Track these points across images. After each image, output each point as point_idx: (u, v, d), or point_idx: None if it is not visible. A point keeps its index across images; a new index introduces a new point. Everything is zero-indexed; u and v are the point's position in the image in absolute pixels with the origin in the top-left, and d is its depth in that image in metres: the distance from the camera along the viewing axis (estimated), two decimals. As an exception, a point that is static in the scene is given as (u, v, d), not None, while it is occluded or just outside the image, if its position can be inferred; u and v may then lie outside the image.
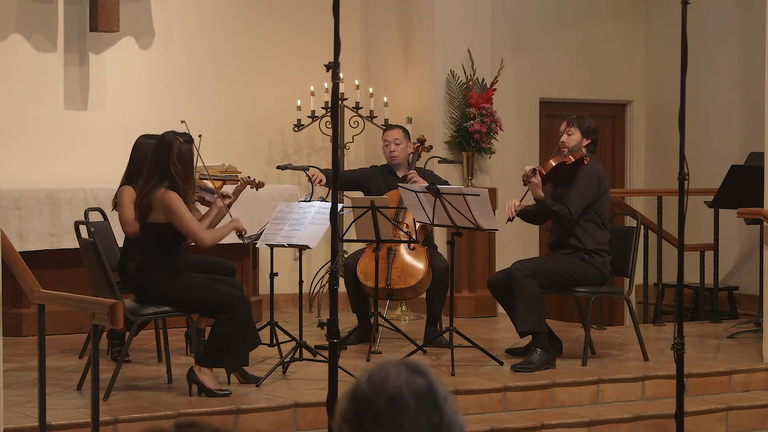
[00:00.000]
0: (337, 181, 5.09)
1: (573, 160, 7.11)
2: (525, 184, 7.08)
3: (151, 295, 6.18)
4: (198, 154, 6.81)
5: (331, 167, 5.21)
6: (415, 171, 7.89)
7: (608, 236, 7.23)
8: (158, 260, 6.15)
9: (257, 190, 7.10)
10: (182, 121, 6.66)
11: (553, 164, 7.12)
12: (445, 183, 7.97)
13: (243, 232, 6.46)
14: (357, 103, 9.63)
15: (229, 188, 7.03)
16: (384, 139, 8.13)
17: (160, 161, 6.10)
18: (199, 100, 9.57)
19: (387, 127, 8.38)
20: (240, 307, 6.12)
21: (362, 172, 8.29)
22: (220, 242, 6.45)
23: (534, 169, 7.02)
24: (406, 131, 8.15)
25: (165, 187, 6.04)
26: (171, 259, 6.17)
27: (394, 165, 8.07)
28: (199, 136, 7.03)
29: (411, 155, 8.11)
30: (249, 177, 7.01)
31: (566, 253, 7.17)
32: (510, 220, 7.20)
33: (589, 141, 7.24)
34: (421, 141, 8.16)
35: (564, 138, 7.24)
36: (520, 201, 7.23)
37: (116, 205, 7.02)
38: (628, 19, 11.08)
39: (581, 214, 7.12)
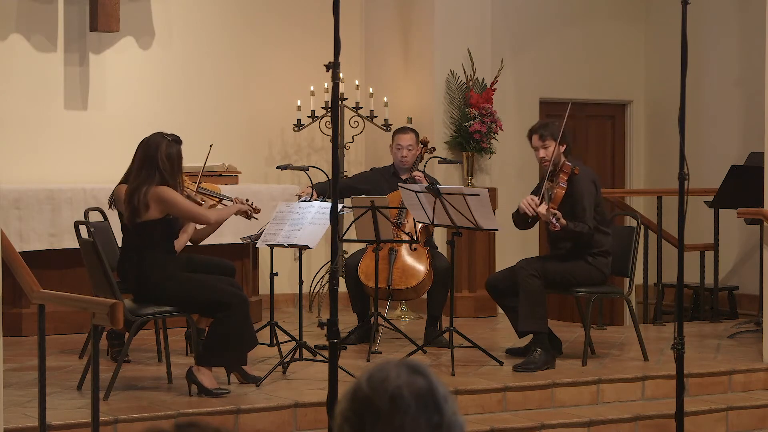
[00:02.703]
0: (338, 181, 5.09)
1: (566, 178, 7.05)
2: (552, 229, 6.93)
3: (150, 295, 6.19)
4: (205, 162, 6.84)
5: (331, 168, 5.21)
6: (420, 172, 7.88)
7: (610, 238, 7.21)
8: (154, 259, 6.16)
9: (249, 218, 6.88)
10: (210, 145, 6.92)
11: (562, 194, 7.03)
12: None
13: (250, 211, 6.50)
14: (357, 103, 9.63)
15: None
16: (397, 143, 8.05)
17: (147, 158, 6.14)
18: (199, 100, 9.57)
19: (400, 129, 8.22)
20: (238, 306, 6.12)
21: (364, 178, 8.25)
22: (223, 225, 6.47)
23: (554, 215, 6.79)
24: (417, 135, 8.12)
25: (156, 183, 6.08)
26: (167, 258, 6.18)
27: (402, 169, 8.05)
28: (210, 146, 7.04)
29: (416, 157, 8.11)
30: (247, 200, 6.87)
31: (570, 256, 7.16)
32: (531, 219, 7.08)
33: (565, 145, 7.17)
34: (425, 143, 8.16)
35: (542, 153, 7.16)
36: (541, 203, 7.07)
37: (112, 203, 7.00)
38: (628, 19, 11.08)
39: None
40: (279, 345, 7.07)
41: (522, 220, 7.20)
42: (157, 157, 6.12)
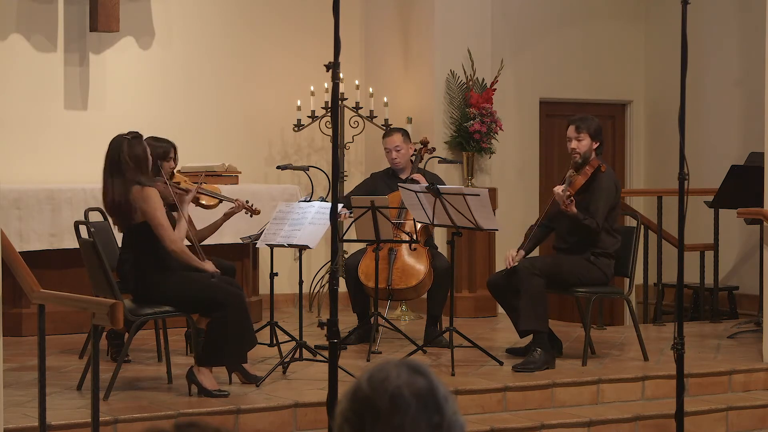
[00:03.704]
0: (338, 181, 5.09)
1: (591, 171, 7.07)
2: (562, 208, 6.95)
3: (148, 295, 6.19)
4: (201, 182, 6.84)
5: (331, 168, 5.21)
6: (419, 174, 7.87)
7: (617, 244, 7.21)
8: (151, 259, 6.15)
9: (251, 216, 7.08)
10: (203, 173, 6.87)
11: (582, 181, 7.05)
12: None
13: (214, 275, 6.39)
14: (357, 103, 9.63)
15: (223, 207, 7.01)
16: (385, 146, 8.09)
17: (113, 163, 6.12)
18: (199, 100, 9.57)
19: (386, 132, 8.30)
20: (236, 305, 6.12)
21: (364, 185, 8.25)
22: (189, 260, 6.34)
23: (569, 195, 6.90)
24: (405, 133, 8.13)
25: (139, 184, 6.05)
26: (164, 257, 6.17)
27: (397, 170, 8.06)
28: (201, 175, 7.04)
29: (414, 157, 8.10)
30: (247, 202, 6.98)
31: (573, 253, 7.16)
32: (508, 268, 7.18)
33: (598, 143, 7.21)
34: (424, 143, 8.16)
35: (574, 144, 7.17)
36: (520, 249, 7.20)
37: None
38: (628, 19, 11.08)
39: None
40: (279, 345, 7.07)
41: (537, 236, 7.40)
42: (120, 160, 6.10)
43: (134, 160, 6.09)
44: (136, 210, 6.08)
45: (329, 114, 9.28)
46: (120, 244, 7.01)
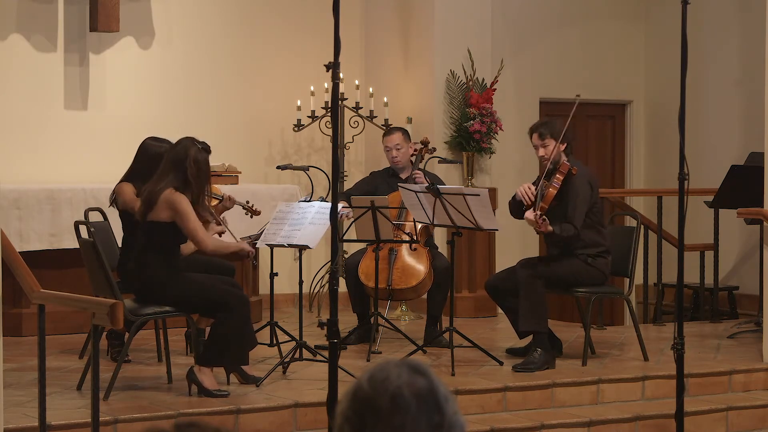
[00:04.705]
0: (338, 181, 5.10)
1: (562, 179, 7.00)
2: (538, 230, 6.93)
3: (151, 294, 6.19)
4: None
5: (331, 168, 5.21)
6: (420, 172, 7.87)
7: (607, 237, 7.20)
8: (157, 258, 6.16)
9: (252, 217, 7.14)
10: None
11: (553, 193, 6.99)
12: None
13: (250, 254, 6.49)
14: (357, 103, 9.63)
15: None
16: (385, 145, 8.09)
17: (176, 162, 6.11)
18: (199, 100, 9.57)
19: (386, 131, 8.29)
20: (238, 306, 6.12)
21: (365, 183, 8.24)
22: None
23: (542, 216, 6.80)
24: (405, 133, 8.13)
25: (174, 187, 6.05)
26: (170, 258, 6.18)
27: (397, 169, 8.06)
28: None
29: (414, 157, 8.10)
30: (247, 202, 7.04)
31: (568, 256, 7.15)
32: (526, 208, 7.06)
33: (566, 144, 7.14)
34: (425, 143, 8.15)
35: (541, 152, 7.12)
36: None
37: (114, 201, 7.02)
38: (628, 19, 11.08)
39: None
40: (279, 345, 7.07)
41: (517, 208, 7.17)
42: (185, 162, 6.09)
43: (196, 166, 6.10)
44: (156, 208, 6.08)
45: (329, 114, 9.28)
46: (120, 244, 7.03)
